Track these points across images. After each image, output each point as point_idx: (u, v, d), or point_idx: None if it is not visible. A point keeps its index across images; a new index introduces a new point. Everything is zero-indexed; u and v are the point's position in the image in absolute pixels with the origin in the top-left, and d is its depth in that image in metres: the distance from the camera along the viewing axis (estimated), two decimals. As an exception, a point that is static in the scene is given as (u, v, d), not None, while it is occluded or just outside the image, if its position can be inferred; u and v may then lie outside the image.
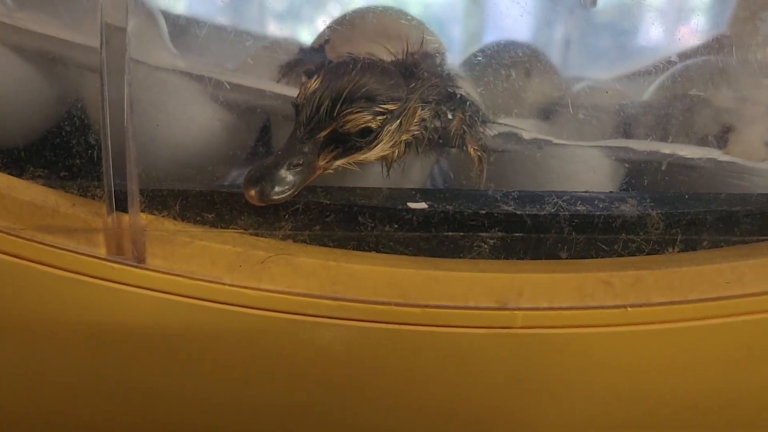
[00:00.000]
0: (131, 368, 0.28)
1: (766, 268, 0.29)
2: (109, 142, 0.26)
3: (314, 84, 0.27)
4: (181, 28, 0.35)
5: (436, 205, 0.28)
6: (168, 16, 0.35)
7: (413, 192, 0.28)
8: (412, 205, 0.28)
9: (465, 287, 0.28)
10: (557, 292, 0.28)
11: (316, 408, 0.30)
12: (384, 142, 0.28)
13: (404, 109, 0.28)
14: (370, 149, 0.28)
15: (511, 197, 0.28)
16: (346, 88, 0.26)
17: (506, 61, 0.38)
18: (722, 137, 0.36)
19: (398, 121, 0.28)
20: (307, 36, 0.37)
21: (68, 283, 0.27)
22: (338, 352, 0.28)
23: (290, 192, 0.25)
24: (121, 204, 0.27)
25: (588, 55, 0.45)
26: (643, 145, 0.35)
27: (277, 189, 0.25)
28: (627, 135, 0.37)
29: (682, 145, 0.35)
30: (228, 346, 0.28)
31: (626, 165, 0.34)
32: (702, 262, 0.29)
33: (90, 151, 0.27)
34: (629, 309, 0.28)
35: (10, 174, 0.28)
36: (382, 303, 0.28)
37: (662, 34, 0.39)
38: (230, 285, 0.27)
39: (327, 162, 0.27)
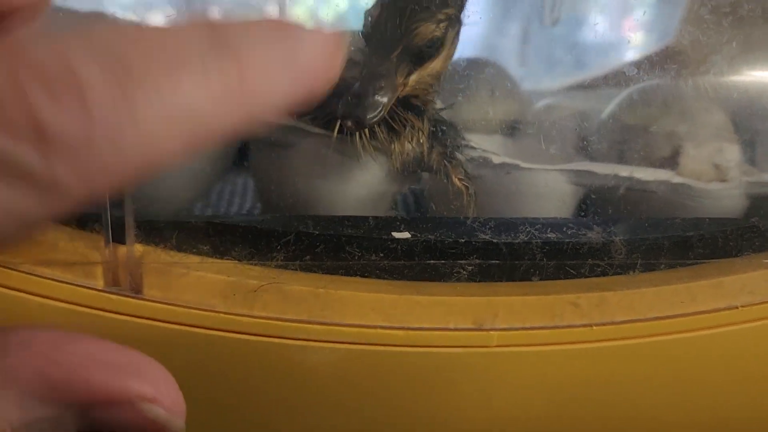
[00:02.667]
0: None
1: (715, 288, 0.31)
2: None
3: (375, 11, 0.29)
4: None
5: (418, 235, 0.29)
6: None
7: (397, 222, 0.30)
8: (396, 234, 0.29)
9: (444, 310, 0.30)
10: (529, 313, 0.30)
11: (306, 427, 0.31)
12: (447, 48, 0.31)
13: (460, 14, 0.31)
14: (438, 57, 0.30)
15: (488, 226, 0.30)
16: (408, 6, 0.29)
17: (471, 79, 0.40)
18: (674, 159, 0.39)
19: (456, 28, 0.30)
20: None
21: (66, 313, 0.28)
22: (327, 372, 0.30)
23: (381, 114, 0.28)
24: (118, 236, 0.28)
25: (544, 64, 0.48)
26: (602, 168, 0.37)
27: (369, 114, 0.27)
28: (585, 152, 0.40)
29: (638, 168, 0.38)
30: (221, 369, 0.30)
31: (587, 188, 0.37)
32: (660, 283, 0.31)
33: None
34: (594, 327, 0.31)
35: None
36: (368, 326, 0.29)
37: (614, 42, 0.42)
38: (224, 313, 0.29)
39: (404, 78, 0.29)
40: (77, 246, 0.28)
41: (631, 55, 0.43)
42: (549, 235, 0.30)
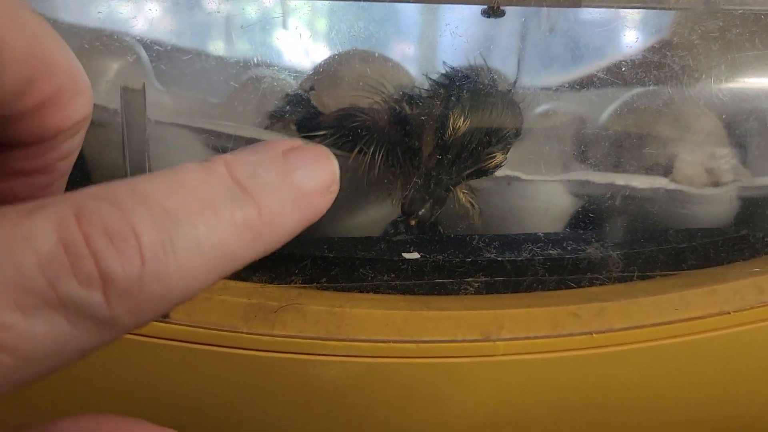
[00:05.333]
0: (162, 414, 0.31)
1: (708, 295, 0.33)
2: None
3: (462, 124, 0.30)
4: (164, 58, 0.36)
5: (427, 256, 0.31)
6: (149, 48, 0.36)
7: (407, 244, 0.32)
8: (406, 255, 0.31)
9: (453, 324, 0.32)
10: (533, 324, 0.32)
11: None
12: None
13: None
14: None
15: (493, 245, 0.32)
16: (493, 133, 0.30)
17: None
18: (669, 165, 0.41)
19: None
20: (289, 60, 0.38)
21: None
22: (344, 385, 0.32)
23: (435, 216, 0.30)
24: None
25: (541, 70, 0.49)
26: (600, 177, 0.39)
27: (429, 218, 0.30)
28: (582, 159, 0.41)
29: (634, 176, 0.39)
30: (244, 385, 0.32)
31: (585, 197, 0.39)
32: (655, 292, 0.33)
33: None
34: (594, 335, 0.33)
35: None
36: (382, 341, 0.31)
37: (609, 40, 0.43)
38: (246, 333, 0.31)
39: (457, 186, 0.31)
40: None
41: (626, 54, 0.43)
42: (550, 252, 0.32)
